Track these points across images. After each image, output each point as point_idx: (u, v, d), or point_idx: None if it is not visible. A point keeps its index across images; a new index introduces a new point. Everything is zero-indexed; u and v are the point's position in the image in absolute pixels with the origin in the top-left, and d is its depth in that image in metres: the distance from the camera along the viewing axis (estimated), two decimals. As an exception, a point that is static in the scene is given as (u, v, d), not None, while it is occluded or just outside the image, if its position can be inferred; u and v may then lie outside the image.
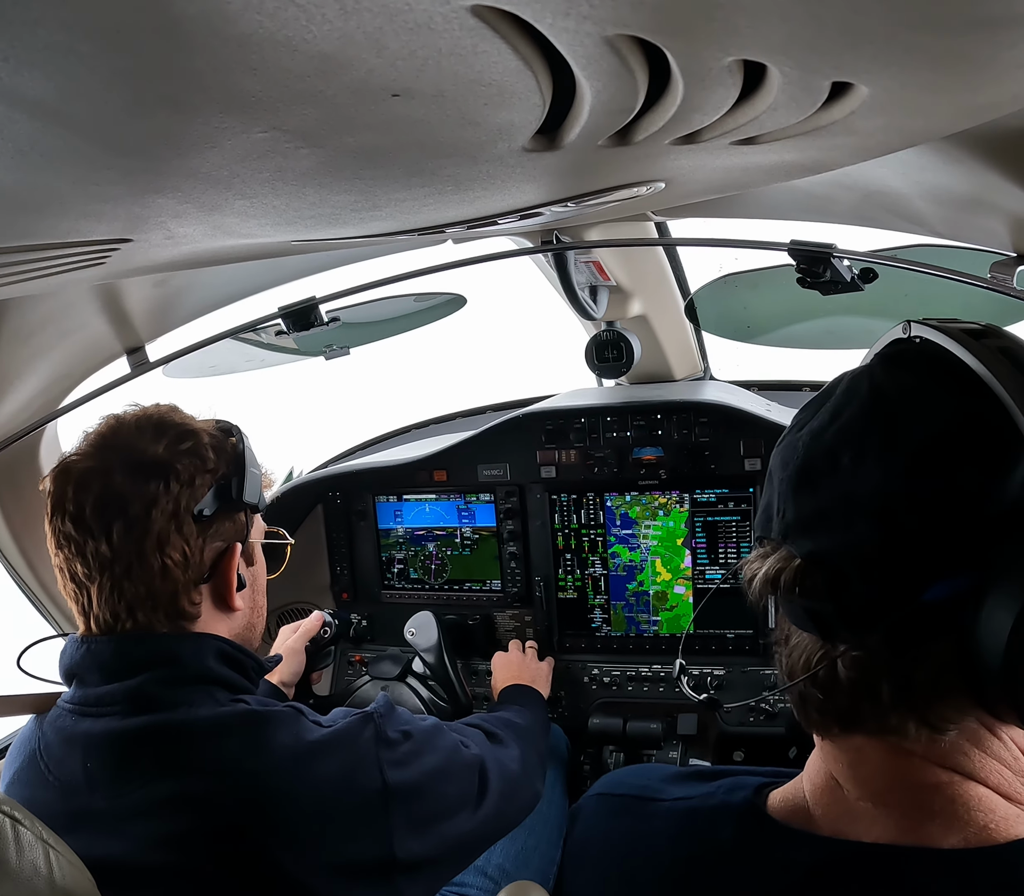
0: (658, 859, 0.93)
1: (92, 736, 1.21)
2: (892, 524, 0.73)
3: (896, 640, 0.74)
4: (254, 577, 1.44)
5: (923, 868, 0.75)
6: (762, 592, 0.82)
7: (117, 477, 1.24)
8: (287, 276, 2.02)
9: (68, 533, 1.24)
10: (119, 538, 1.22)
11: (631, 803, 1.00)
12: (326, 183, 0.82)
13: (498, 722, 1.71)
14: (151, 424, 1.31)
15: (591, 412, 2.42)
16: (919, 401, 0.77)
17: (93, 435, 1.31)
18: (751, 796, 0.90)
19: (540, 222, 1.42)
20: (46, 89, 0.49)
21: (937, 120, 0.90)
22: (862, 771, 0.82)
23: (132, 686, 1.21)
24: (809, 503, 0.79)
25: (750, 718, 2.25)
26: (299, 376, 3.16)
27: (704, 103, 0.68)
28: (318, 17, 0.44)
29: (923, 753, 0.77)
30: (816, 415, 0.83)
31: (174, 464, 1.26)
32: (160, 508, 1.24)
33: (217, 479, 1.31)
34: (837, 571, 0.76)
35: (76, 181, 0.70)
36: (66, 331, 1.70)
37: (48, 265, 1.01)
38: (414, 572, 2.66)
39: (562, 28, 0.50)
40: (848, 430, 0.78)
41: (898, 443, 0.75)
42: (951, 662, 0.72)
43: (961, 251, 1.58)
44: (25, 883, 0.90)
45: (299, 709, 1.28)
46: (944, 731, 0.76)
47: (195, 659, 1.26)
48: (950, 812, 0.76)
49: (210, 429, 1.36)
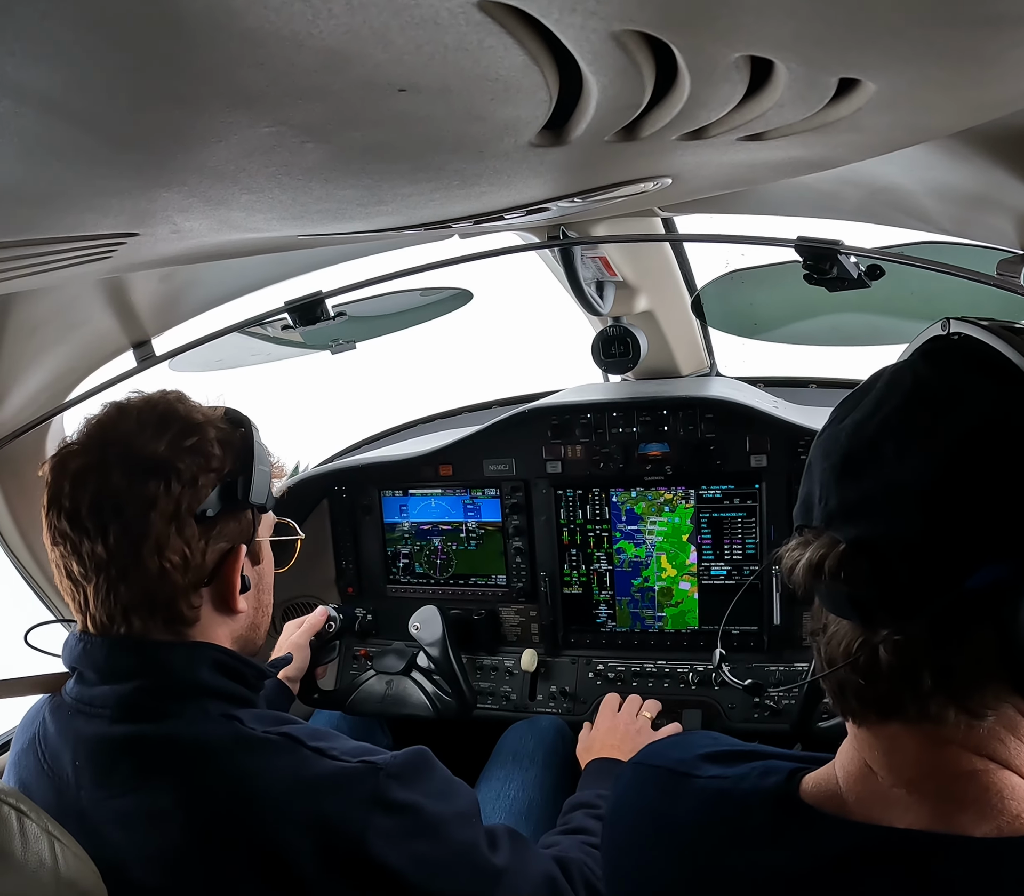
0: (683, 838, 0.94)
1: (81, 736, 1.19)
2: (936, 511, 0.75)
3: (938, 626, 0.75)
4: (260, 576, 1.37)
5: (954, 856, 0.75)
6: (804, 579, 0.83)
7: (115, 475, 1.17)
8: (293, 270, 2.02)
9: (64, 531, 1.19)
10: (115, 540, 1.17)
11: (664, 776, 1.01)
12: (332, 178, 0.82)
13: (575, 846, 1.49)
14: (154, 417, 1.23)
15: (597, 407, 2.42)
16: (961, 391, 0.79)
17: (94, 425, 1.25)
18: (783, 781, 0.90)
19: (546, 217, 1.42)
20: (52, 83, 0.49)
21: (944, 117, 0.90)
22: (897, 758, 0.82)
23: (123, 692, 1.18)
24: (853, 491, 0.80)
25: (754, 715, 2.25)
26: (305, 371, 3.16)
27: (711, 99, 0.68)
28: (324, 12, 0.44)
29: (960, 741, 0.78)
30: (857, 408, 0.84)
31: (175, 463, 1.19)
32: (159, 510, 1.17)
33: (222, 478, 1.24)
34: (881, 557, 0.77)
35: (82, 175, 0.70)
36: (72, 325, 1.70)
37: (54, 259, 1.01)
38: (419, 567, 2.67)
39: (569, 23, 0.50)
40: (891, 420, 0.80)
41: (941, 432, 0.76)
42: (991, 649, 0.73)
43: (968, 248, 1.58)
44: (31, 875, 0.90)
45: (295, 737, 1.18)
46: (983, 717, 0.76)
47: (187, 670, 1.21)
48: (984, 800, 0.77)
49: (218, 420, 1.28)
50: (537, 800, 2.09)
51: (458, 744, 2.46)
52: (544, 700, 2.48)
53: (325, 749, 1.18)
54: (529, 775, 2.15)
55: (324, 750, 1.18)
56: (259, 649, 1.40)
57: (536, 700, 2.49)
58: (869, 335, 2.15)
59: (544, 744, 2.27)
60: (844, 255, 1.35)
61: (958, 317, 0.88)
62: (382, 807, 1.15)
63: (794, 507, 0.92)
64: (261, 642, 1.40)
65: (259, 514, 1.32)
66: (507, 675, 2.54)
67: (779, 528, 2.29)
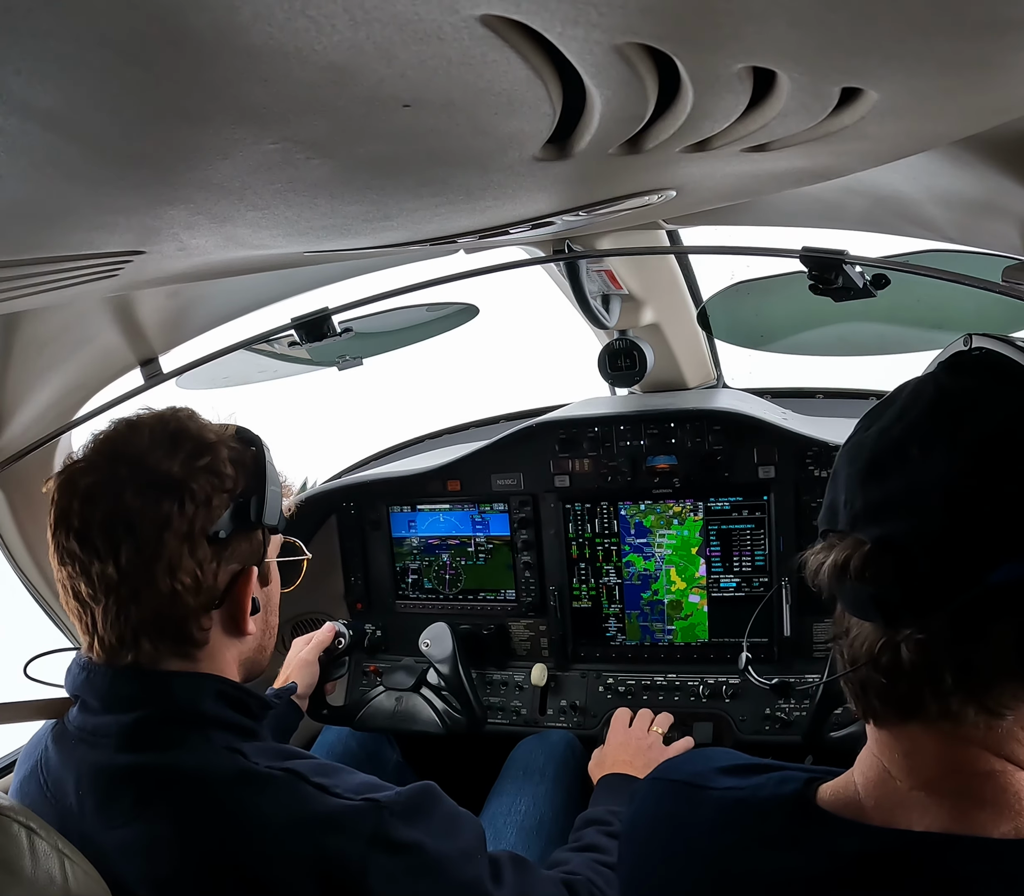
0: (702, 845, 0.95)
1: (84, 765, 1.17)
2: (959, 509, 0.77)
3: (960, 623, 0.77)
4: (268, 597, 1.35)
5: (972, 856, 0.76)
6: (830, 580, 0.85)
7: (128, 494, 1.14)
8: (300, 287, 2.03)
9: (72, 551, 1.16)
10: (127, 560, 1.14)
11: (681, 789, 1.02)
12: (337, 193, 0.82)
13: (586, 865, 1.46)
14: (167, 434, 1.21)
15: (604, 421, 2.42)
16: (984, 399, 0.82)
17: (103, 441, 1.22)
18: (801, 788, 0.91)
19: (551, 231, 1.42)
20: (58, 101, 0.49)
21: (947, 124, 0.90)
22: (916, 760, 0.83)
23: (125, 722, 1.16)
24: (877, 492, 0.82)
25: (765, 727, 2.24)
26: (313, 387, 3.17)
27: (714, 110, 0.68)
28: (328, 28, 0.44)
29: (979, 741, 0.79)
30: (882, 417, 0.86)
31: (190, 483, 1.17)
32: (173, 530, 1.15)
33: (235, 498, 1.22)
34: (905, 554, 0.78)
35: (89, 193, 0.70)
36: (80, 343, 1.71)
37: (61, 277, 1.01)
38: (428, 582, 2.66)
39: (571, 37, 0.50)
40: (916, 425, 0.83)
41: (965, 434, 0.79)
42: (1011, 646, 0.75)
43: (973, 256, 1.57)
44: (40, 892, 0.90)
45: (298, 773, 1.16)
46: (1002, 716, 0.78)
47: (190, 700, 1.19)
48: (1002, 801, 0.78)
49: (229, 440, 1.26)
50: (548, 815, 2.07)
51: (468, 759, 2.46)
52: (554, 714, 2.47)
53: (328, 786, 1.16)
54: (540, 790, 2.14)
55: (327, 787, 1.16)
56: (264, 671, 1.39)
57: (546, 714, 2.48)
58: (876, 345, 2.15)
59: (555, 759, 2.25)
60: (849, 265, 1.35)
61: (980, 333, 0.90)
62: (384, 846, 1.13)
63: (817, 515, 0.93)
64: (267, 663, 1.39)
65: (269, 535, 1.30)
66: (517, 690, 2.52)
67: (788, 539, 2.28)
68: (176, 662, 1.21)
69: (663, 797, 1.04)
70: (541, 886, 1.30)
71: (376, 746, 2.42)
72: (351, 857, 1.11)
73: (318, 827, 1.12)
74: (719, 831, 0.94)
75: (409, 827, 1.16)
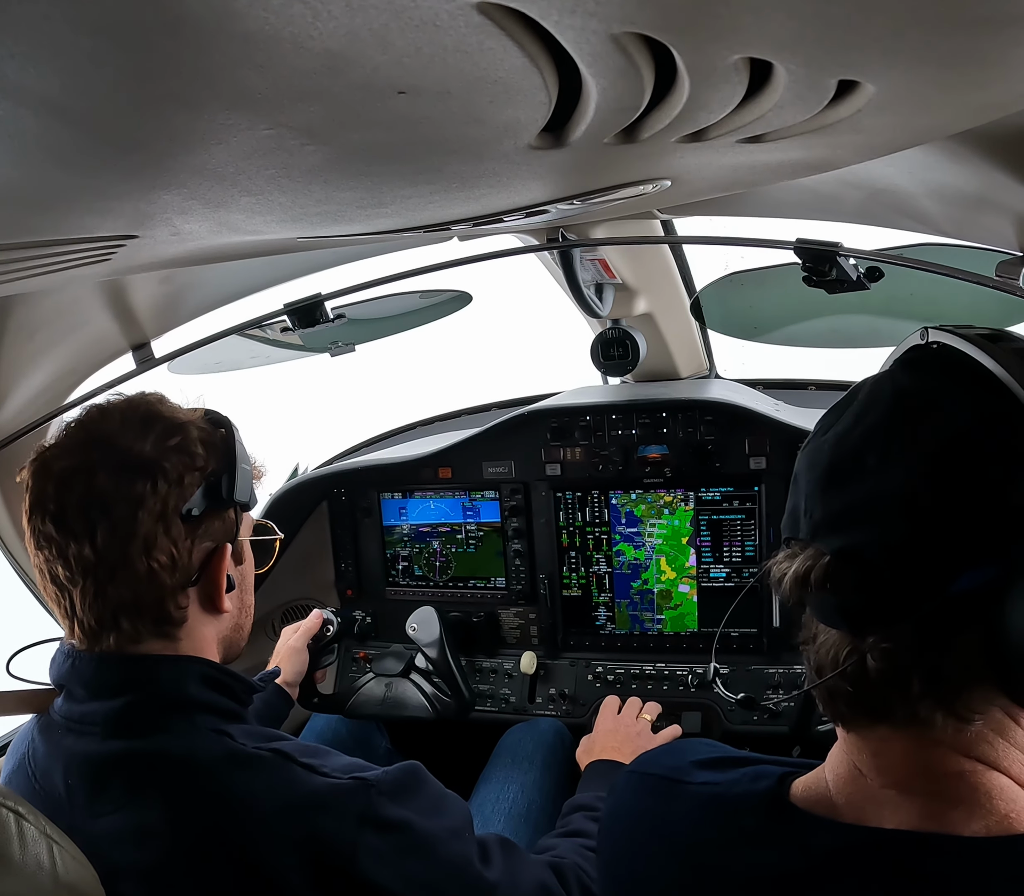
0: (677, 841, 0.95)
1: (73, 754, 1.18)
2: (919, 518, 0.76)
3: (925, 631, 0.76)
4: (242, 576, 1.37)
5: (943, 854, 0.76)
6: (792, 590, 0.85)
7: (101, 476, 1.15)
8: (293, 273, 2.02)
9: (49, 534, 1.17)
10: (103, 541, 1.15)
11: (658, 783, 1.02)
12: (332, 180, 0.82)
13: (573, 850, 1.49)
14: (137, 417, 1.22)
15: (596, 410, 2.42)
16: (941, 401, 0.81)
17: (75, 427, 1.23)
18: (774, 785, 0.91)
19: (546, 220, 1.42)
20: (52, 86, 0.49)
21: (944, 118, 0.90)
22: (886, 760, 0.83)
23: (112, 708, 1.17)
24: (837, 502, 0.82)
25: (753, 717, 2.25)
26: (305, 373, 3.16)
27: (710, 101, 0.68)
28: (324, 14, 0.44)
29: (948, 742, 0.79)
30: (840, 419, 0.86)
31: (162, 462, 1.18)
32: (147, 509, 1.16)
33: (207, 477, 1.23)
34: (867, 565, 0.78)
35: (82, 177, 0.70)
36: (72, 327, 1.70)
37: (54, 261, 1.01)
38: (419, 569, 2.66)
39: (568, 25, 0.50)
40: (873, 431, 0.81)
41: (922, 442, 0.78)
42: (978, 652, 0.75)
43: (967, 250, 1.58)
44: (29, 878, 0.90)
45: (286, 753, 1.17)
46: (970, 721, 0.77)
47: (175, 684, 1.20)
48: (972, 800, 0.77)
49: (199, 421, 1.27)
50: (537, 802, 2.08)
51: (457, 747, 2.47)
52: (543, 702, 2.48)
53: (316, 766, 1.17)
54: (528, 777, 2.15)
55: (315, 767, 1.17)
56: (242, 651, 1.39)
57: (535, 702, 2.49)
58: (868, 337, 2.15)
59: (543, 746, 2.27)
60: (843, 257, 1.35)
61: (935, 326, 0.89)
62: (373, 825, 1.14)
63: None
64: (244, 643, 1.40)
65: (241, 513, 1.32)
66: (506, 677, 2.53)
67: (778, 530, 2.28)
68: (157, 642, 1.22)
69: (640, 791, 1.05)
70: (529, 868, 1.32)
71: (365, 733, 2.43)
72: (342, 837, 1.12)
73: (308, 807, 1.13)
74: (694, 827, 0.94)
75: (397, 805, 1.17)
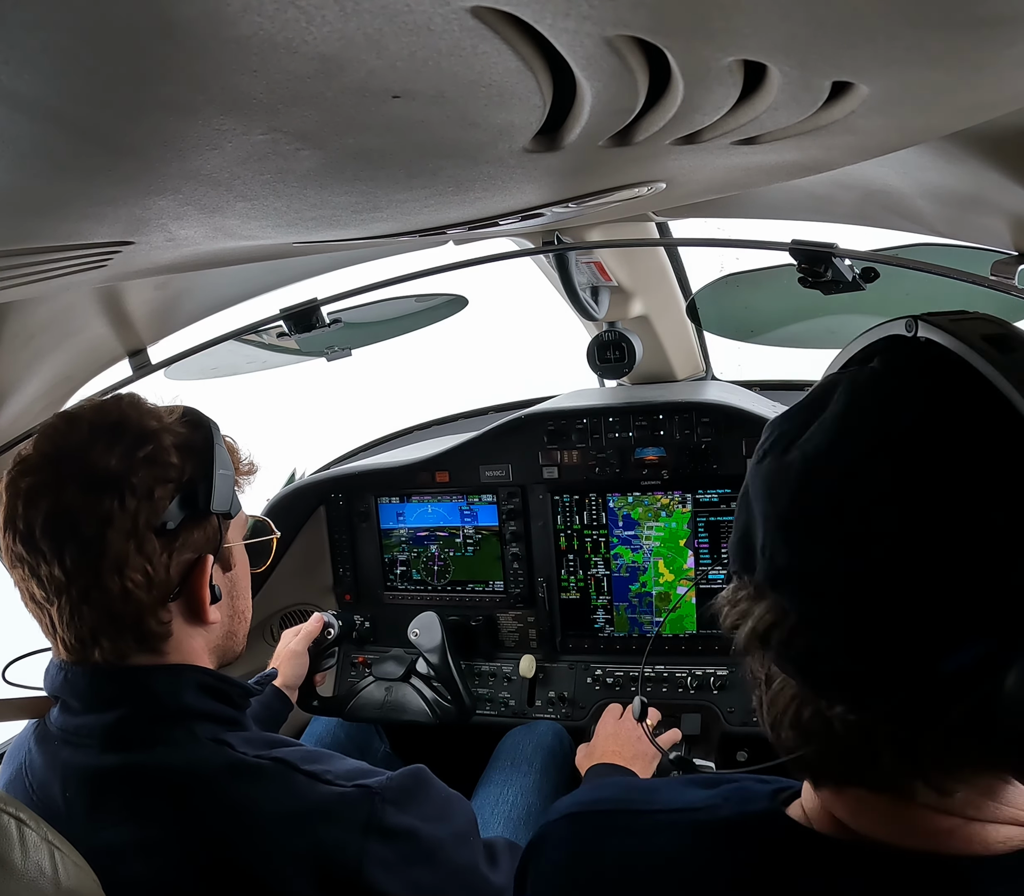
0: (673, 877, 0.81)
1: (70, 768, 1.16)
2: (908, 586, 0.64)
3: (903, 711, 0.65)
4: (233, 582, 1.32)
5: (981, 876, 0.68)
6: (748, 643, 0.74)
7: (67, 493, 1.12)
8: (289, 278, 2.02)
9: (20, 554, 1.13)
10: (72, 561, 1.11)
11: (620, 818, 0.88)
12: (327, 185, 0.82)
13: None
14: (106, 427, 1.17)
15: (593, 413, 2.42)
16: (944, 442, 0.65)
17: (42, 439, 1.18)
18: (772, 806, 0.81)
19: (541, 223, 1.42)
20: (46, 91, 0.49)
21: (937, 119, 0.90)
22: (866, 819, 0.74)
23: (108, 721, 1.15)
24: (805, 551, 0.69)
25: (753, 718, 2.23)
26: (301, 378, 3.16)
27: (704, 103, 0.68)
28: (318, 19, 0.44)
29: (933, 805, 0.69)
30: (809, 433, 0.71)
31: (129, 477, 1.13)
32: (115, 527, 1.11)
33: (181, 487, 1.17)
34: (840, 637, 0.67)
35: (77, 183, 0.70)
36: (68, 334, 1.70)
37: (50, 268, 1.01)
38: (416, 573, 2.66)
39: (562, 29, 0.50)
40: (855, 473, 0.67)
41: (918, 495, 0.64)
42: (964, 728, 0.64)
43: (962, 250, 1.58)
44: (30, 884, 0.89)
45: (287, 762, 1.15)
46: (954, 793, 0.68)
47: (172, 695, 1.17)
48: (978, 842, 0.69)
49: (175, 424, 1.21)
50: (536, 805, 2.08)
51: (456, 750, 2.46)
52: (543, 706, 2.48)
53: (319, 773, 1.15)
54: (528, 780, 2.15)
55: (318, 774, 1.15)
56: (238, 656, 1.36)
57: (535, 706, 2.48)
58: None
59: (543, 749, 2.26)
60: (838, 258, 1.35)
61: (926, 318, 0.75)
62: (378, 834, 1.13)
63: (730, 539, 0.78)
64: (239, 649, 1.36)
65: (225, 520, 1.26)
66: (505, 681, 2.53)
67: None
68: (144, 657, 1.19)
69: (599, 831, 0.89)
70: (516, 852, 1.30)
71: (365, 737, 2.43)
72: (347, 848, 1.11)
73: (312, 818, 1.11)
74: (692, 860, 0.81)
75: (403, 813, 1.16)
